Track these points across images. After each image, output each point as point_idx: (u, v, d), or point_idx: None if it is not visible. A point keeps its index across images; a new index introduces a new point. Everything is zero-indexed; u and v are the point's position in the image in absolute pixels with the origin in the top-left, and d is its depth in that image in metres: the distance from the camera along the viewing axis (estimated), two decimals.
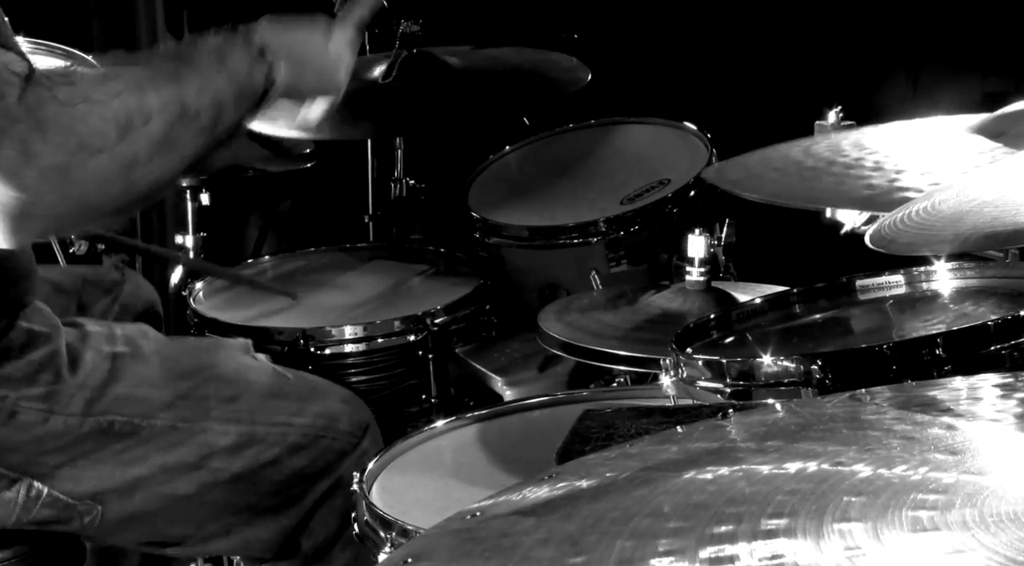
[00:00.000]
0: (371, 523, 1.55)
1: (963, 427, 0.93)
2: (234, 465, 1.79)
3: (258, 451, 1.81)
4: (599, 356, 1.96)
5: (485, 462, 1.70)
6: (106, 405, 1.73)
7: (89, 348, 1.76)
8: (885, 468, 0.85)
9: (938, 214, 1.26)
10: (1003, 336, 1.44)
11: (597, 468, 0.95)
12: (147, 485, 1.76)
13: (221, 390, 1.81)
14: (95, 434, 1.72)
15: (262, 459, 1.81)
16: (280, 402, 1.85)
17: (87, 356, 1.75)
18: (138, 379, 1.77)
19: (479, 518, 0.88)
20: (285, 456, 1.83)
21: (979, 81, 3.10)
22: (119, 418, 1.73)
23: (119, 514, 1.75)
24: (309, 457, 1.84)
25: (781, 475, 0.87)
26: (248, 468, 1.80)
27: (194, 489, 1.78)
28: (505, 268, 2.47)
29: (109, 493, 1.74)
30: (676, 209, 2.39)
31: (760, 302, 1.82)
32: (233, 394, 1.82)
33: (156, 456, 1.75)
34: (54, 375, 1.71)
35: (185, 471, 1.77)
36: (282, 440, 1.82)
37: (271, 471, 1.82)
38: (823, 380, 1.48)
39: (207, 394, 1.80)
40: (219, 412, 1.80)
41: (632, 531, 0.82)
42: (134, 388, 1.76)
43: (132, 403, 1.75)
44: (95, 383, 1.73)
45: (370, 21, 1.79)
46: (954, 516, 0.77)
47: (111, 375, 1.75)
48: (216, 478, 1.79)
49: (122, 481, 1.74)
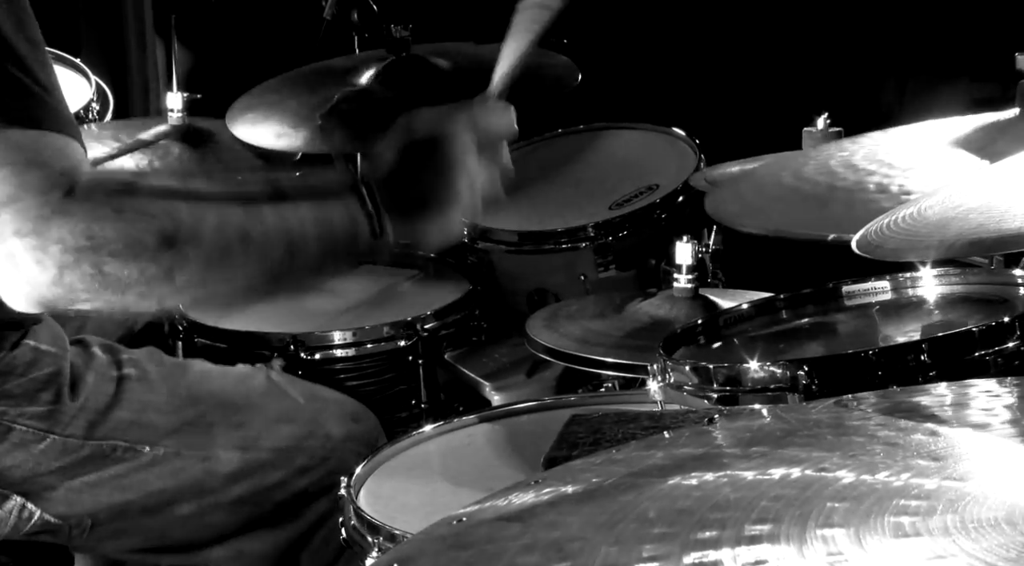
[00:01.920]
0: (358, 528, 1.55)
1: (946, 433, 0.94)
2: (237, 490, 1.79)
3: (263, 475, 1.81)
4: (587, 362, 1.97)
5: (473, 467, 1.71)
6: (109, 429, 1.72)
7: (92, 371, 1.74)
8: (868, 474, 0.85)
9: (924, 220, 1.28)
10: (987, 342, 1.45)
11: (583, 473, 0.96)
12: (143, 506, 1.75)
13: (229, 417, 1.80)
14: (95, 458, 1.71)
15: (266, 482, 1.81)
16: (289, 427, 1.84)
17: (89, 379, 1.73)
18: (143, 404, 1.75)
19: (465, 523, 0.89)
20: (291, 478, 1.83)
21: (966, 87, 3.12)
22: (121, 443, 1.72)
23: (109, 529, 1.74)
24: (314, 477, 1.84)
25: (766, 481, 0.87)
26: (251, 491, 1.80)
27: (192, 511, 1.77)
28: (494, 273, 2.48)
29: (102, 512, 1.73)
30: (665, 215, 2.40)
31: (747, 307, 1.82)
32: (241, 421, 1.81)
33: (155, 482, 1.74)
34: (55, 395, 1.69)
35: (185, 496, 1.76)
36: (288, 464, 1.82)
37: (275, 492, 1.82)
38: (809, 386, 1.48)
39: (213, 421, 1.79)
40: (225, 439, 1.79)
41: (617, 537, 0.82)
42: (138, 413, 1.74)
43: (136, 428, 1.73)
44: (98, 407, 1.72)
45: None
46: (936, 522, 0.77)
47: (115, 399, 1.73)
48: (217, 501, 1.78)
49: (118, 502, 1.73)
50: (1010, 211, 1.16)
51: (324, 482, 1.83)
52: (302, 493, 1.83)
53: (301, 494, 1.83)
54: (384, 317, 2.31)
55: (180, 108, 2.68)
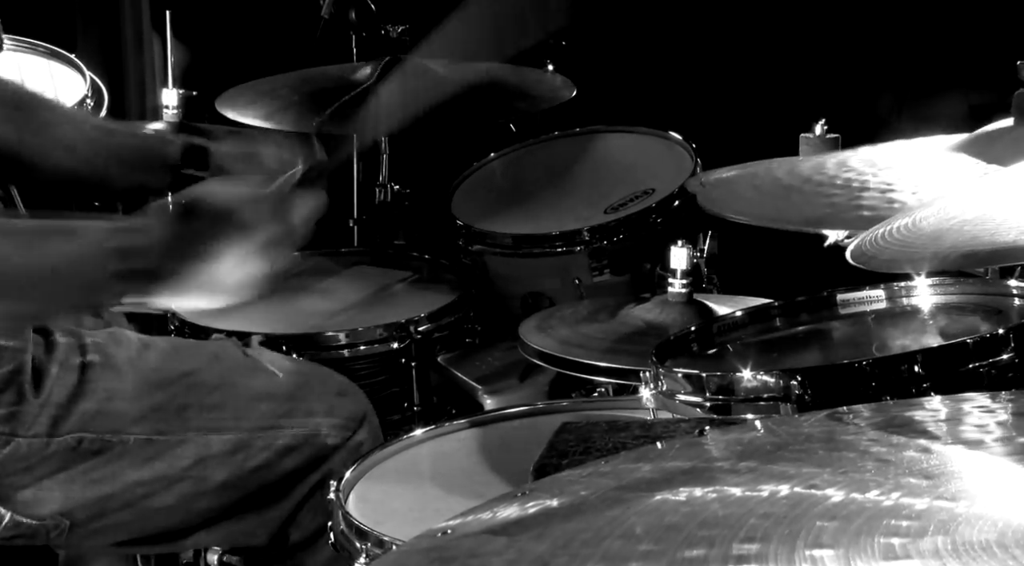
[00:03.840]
0: (347, 533, 1.54)
1: (938, 450, 0.93)
2: (219, 474, 1.72)
3: (245, 457, 1.73)
4: (580, 367, 1.96)
5: (464, 472, 1.70)
6: (74, 423, 1.65)
7: (55, 362, 1.67)
8: (859, 492, 0.84)
9: (919, 231, 1.26)
10: (981, 354, 1.44)
11: (571, 486, 0.95)
12: (120, 500, 1.69)
13: (203, 398, 1.73)
14: (62, 453, 1.65)
15: (249, 465, 1.74)
16: (268, 404, 1.76)
17: (52, 370, 1.66)
18: (109, 392, 1.68)
19: (450, 536, 0.88)
20: (275, 459, 1.76)
21: (963, 94, 3.11)
22: (88, 435, 1.65)
23: (89, 528, 1.69)
24: (300, 457, 1.77)
25: (754, 497, 0.86)
26: (235, 475, 1.73)
27: (174, 500, 1.71)
28: (488, 276, 2.47)
29: (78, 510, 1.67)
30: (660, 219, 2.39)
31: (741, 315, 1.81)
32: (216, 401, 1.74)
33: (130, 472, 1.68)
34: (16, 395, 1.63)
35: (164, 484, 1.70)
36: (271, 444, 1.75)
37: (260, 474, 1.75)
38: (802, 396, 1.47)
39: (187, 403, 1.72)
40: (200, 421, 1.72)
41: (603, 554, 0.81)
42: (104, 402, 1.67)
43: (102, 418, 1.67)
44: (60, 400, 1.65)
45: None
46: (926, 544, 0.76)
47: (79, 389, 1.67)
48: (199, 488, 1.72)
49: (93, 498, 1.67)
50: (1005, 223, 1.15)
51: (309, 460, 1.77)
52: (289, 473, 1.77)
53: (288, 474, 1.77)
54: (378, 319, 2.30)
55: (176, 105, 2.67)
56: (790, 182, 1.59)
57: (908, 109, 3.19)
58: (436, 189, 2.67)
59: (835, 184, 1.54)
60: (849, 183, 1.52)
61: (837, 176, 1.55)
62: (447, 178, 2.67)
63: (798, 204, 1.51)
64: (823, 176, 1.57)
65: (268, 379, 1.80)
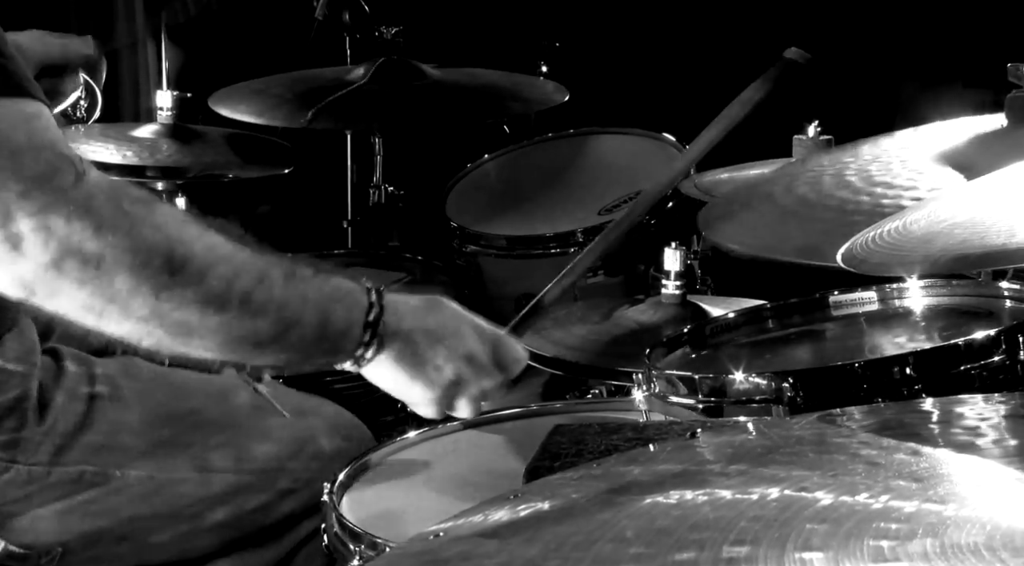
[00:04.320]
0: (340, 535, 1.54)
1: (928, 453, 0.93)
2: (217, 514, 1.70)
3: (244, 500, 1.71)
4: (573, 368, 1.96)
5: (457, 474, 1.70)
6: (77, 454, 1.62)
7: (62, 390, 1.63)
8: (849, 495, 0.85)
9: (909, 235, 1.27)
10: (973, 357, 1.44)
11: (562, 488, 0.95)
12: (116, 534, 1.66)
13: (208, 437, 1.70)
14: (62, 484, 1.61)
15: (248, 507, 1.72)
16: (272, 447, 1.74)
17: (58, 400, 1.62)
18: (115, 425, 1.65)
19: (441, 539, 0.88)
20: (274, 502, 1.74)
21: (959, 93, 3.11)
22: (90, 468, 1.62)
23: (81, 558, 1.66)
24: (299, 500, 1.75)
25: (745, 500, 0.87)
26: (233, 515, 1.71)
27: (170, 538, 1.68)
28: (482, 277, 2.47)
29: (73, 541, 1.64)
30: (653, 220, 2.39)
31: (734, 317, 1.82)
32: (221, 441, 1.71)
33: (128, 507, 1.65)
34: (19, 421, 1.59)
35: (161, 522, 1.67)
36: (271, 486, 1.73)
37: (258, 516, 1.73)
38: (794, 398, 1.48)
39: (191, 441, 1.69)
40: (202, 461, 1.69)
41: (594, 557, 0.81)
42: (110, 436, 1.64)
43: (106, 452, 1.63)
44: (65, 430, 1.62)
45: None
46: (915, 546, 0.77)
47: (85, 420, 1.63)
48: (196, 526, 1.69)
49: (88, 530, 1.64)
50: (995, 226, 1.15)
51: (310, 503, 1.73)
52: (287, 517, 1.75)
53: (286, 518, 1.75)
54: None
55: (170, 106, 2.67)
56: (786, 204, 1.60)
57: (903, 109, 3.19)
58: (430, 191, 2.68)
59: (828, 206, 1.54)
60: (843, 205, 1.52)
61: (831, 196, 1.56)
62: (441, 180, 2.67)
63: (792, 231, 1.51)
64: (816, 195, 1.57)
65: (275, 420, 1.78)
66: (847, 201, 1.55)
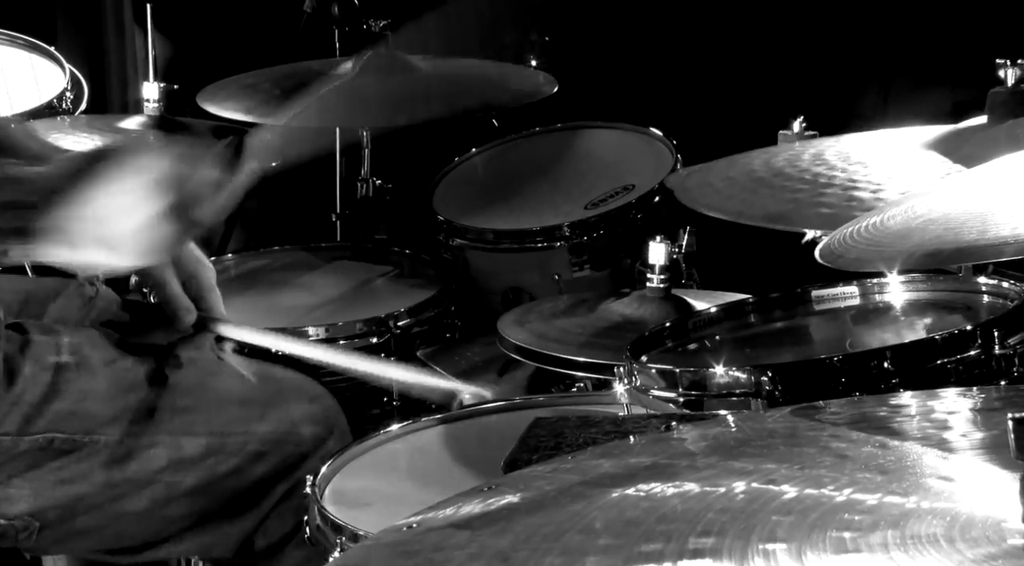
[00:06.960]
0: (322, 527, 1.55)
1: (895, 446, 0.94)
2: (189, 478, 1.71)
3: (216, 462, 1.72)
4: (558, 362, 1.97)
5: (440, 467, 1.71)
6: (45, 423, 1.63)
7: (29, 360, 1.64)
8: (814, 488, 0.86)
9: (886, 230, 1.28)
10: (950, 350, 1.46)
11: (535, 481, 0.96)
12: (91, 502, 1.67)
13: (176, 401, 1.71)
14: (32, 452, 1.62)
15: (220, 470, 1.73)
16: (241, 410, 1.76)
17: (26, 369, 1.63)
18: (82, 393, 1.66)
19: (414, 530, 0.89)
20: (245, 465, 1.75)
21: (949, 90, 3.12)
22: (59, 435, 1.63)
23: (60, 531, 1.67)
24: (270, 464, 1.76)
25: (713, 493, 0.88)
26: (205, 479, 1.72)
27: (145, 505, 1.69)
28: (469, 271, 2.48)
29: (48, 510, 1.65)
30: (640, 215, 2.40)
31: (716, 311, 1.83)
32: (189, 404, 1.72)
33: (100, 473, 1.65)
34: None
35: (134, 487, 1.68)
36: (241, 449, 1.74)
37: (230, 480, 1.74)
38: (773, 391, 1.49)
39: (159, 406, 1.70)
40: (172, 425, 1.70)
41: (563, 548, 0.82)
42: (77, 403, 1.65)
43: (75, 419, 1.64)
44: (33, 399, 1.63)
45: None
46: (876, 538, 0.78)
47: (52, 389, 1.64)
48: (170, 492, 1.70)
49: (63, 499, 1.65)
50: (969, 222, 1.16)
51: (279, 468, 1.76)
52: (260, 480, 1.76)
53: (259, 481, 1.76)
54: (357, 313, 2.30)
55: (156, 98, 2.67)
56: (761, 175, 1.61)
57: (893, 105, 3.20)
58: (418, 184, 2.68)
59: (803, 179, 1.55)
60: (816, 179, 1.53)
61: (807, 170, 1.57)
62: (429, 173, 2.68)
63: (764, 199, 1.52)
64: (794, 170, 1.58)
65: (241, 383, 1.78)
66: (821, 175, 1.56)
